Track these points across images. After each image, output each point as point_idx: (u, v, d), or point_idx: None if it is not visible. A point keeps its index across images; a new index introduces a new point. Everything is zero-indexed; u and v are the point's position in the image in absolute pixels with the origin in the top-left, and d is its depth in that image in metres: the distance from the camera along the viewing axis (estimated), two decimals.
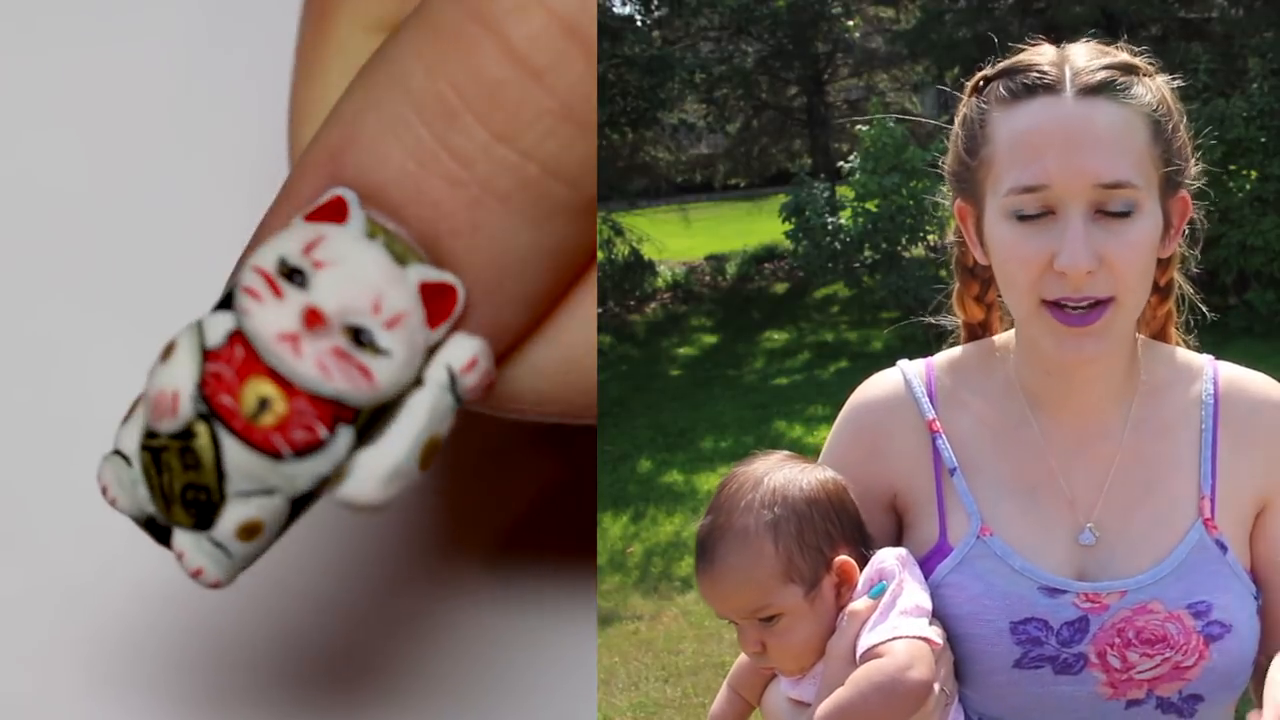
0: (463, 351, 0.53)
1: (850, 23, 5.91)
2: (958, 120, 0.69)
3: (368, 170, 0.53)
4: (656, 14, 5.54)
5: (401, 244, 0.53)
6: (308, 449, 0.51)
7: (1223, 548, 0.67)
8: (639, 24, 5.45)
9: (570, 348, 0.57)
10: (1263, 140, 4.13)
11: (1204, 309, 0.73)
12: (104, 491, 0.54)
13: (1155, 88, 0.67)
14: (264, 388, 0.51)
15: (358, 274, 0.52)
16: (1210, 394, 0.69)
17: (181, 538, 0.53)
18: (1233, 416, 0.69)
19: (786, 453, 0.71)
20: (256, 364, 0.51)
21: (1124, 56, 0.67)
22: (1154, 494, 0.68)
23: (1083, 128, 0.64)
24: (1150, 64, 0.68)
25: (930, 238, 4.71)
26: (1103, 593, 0.66)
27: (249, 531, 0.52)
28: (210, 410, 0.51)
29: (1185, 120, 0.68)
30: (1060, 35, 0.70)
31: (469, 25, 0.52)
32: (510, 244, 0.53)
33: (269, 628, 0.77)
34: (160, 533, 0.54)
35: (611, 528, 3.28)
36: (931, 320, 0.76)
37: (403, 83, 0.52)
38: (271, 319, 0.51)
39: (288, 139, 0.65)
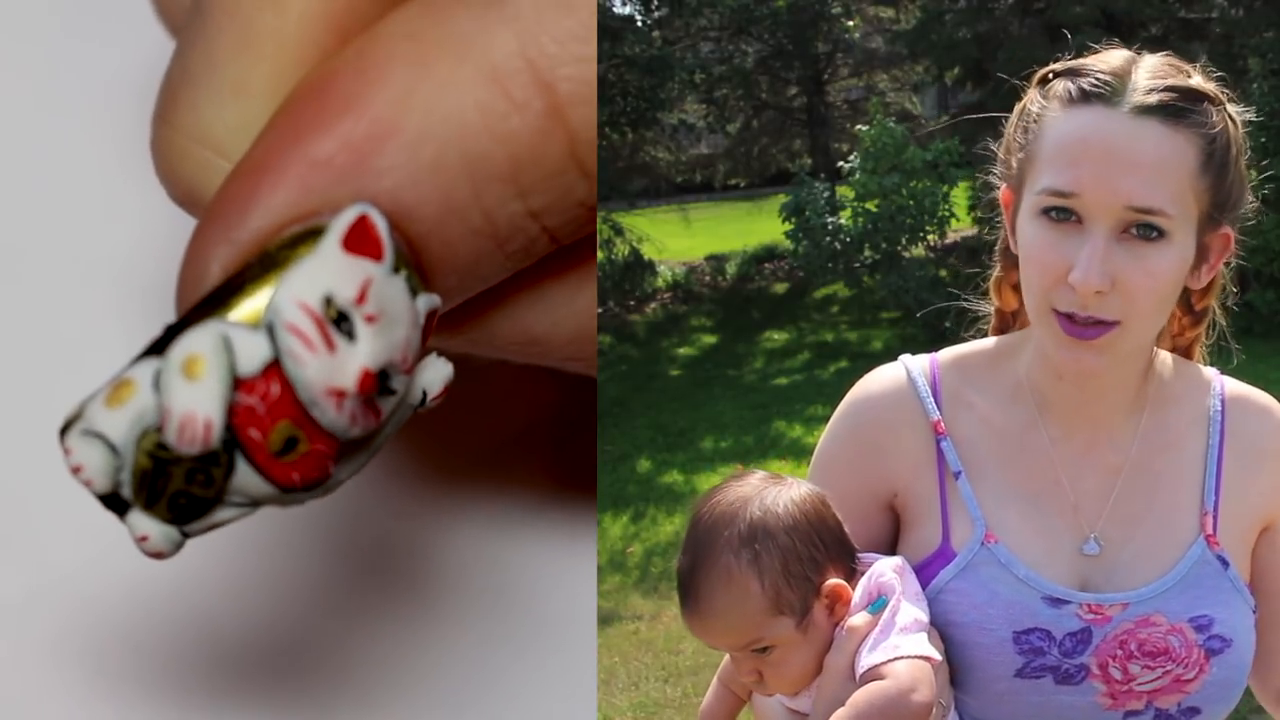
0: (438, 376, 0.55)
1: (850, 23, 5.91)
2: (1017, 108, 0.68)
3: (397, 192, 0.53)
4: (656, 14, 5.54)
5: (416, 277, 0.54)
6: (317, 483, 0.52)
7: (1224, 563, 0.66)
8: (639, 24, 5.45)
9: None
10: (1263, 140, 4.13)
11: (1235, 345, 0.72)
12: (76, 470, 0.52)
13: (1220, 118, 0.65)
14: (294, 430, 0.51)
15: (397, 327, 0.52)
16: (1218, 410, 0.69)
17: (145, 522, 0.53)
18: (1238, 433, 0.68)
19: (761, 473, 0.68)
20: (291, 406, 0.51)
21: (1196, 80, 0.65)
22: (1158, 507, 0.67)
23: (1128, 146, 0.63)
24: (1224, 92, 0.66)
25: (930, 238, 4.72)
26: (1105, 604, 0.65)
27: (215, 527, 0.53)
28: (234, 440, 0.51)
29: (1247, 155, 0.67)
30: (1060, 35, 0.70)
31: (547, 121, 0.53)
32: (490, 277, 0.56)
33: (269, 628, 0.77)
34: (117, 505, 0.53)
35: (611, 528, 3.28)
36: (968, 306, 0.75)
37: (459, 129, 0.53)
38: (324, 374, 0.51)
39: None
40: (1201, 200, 0.64)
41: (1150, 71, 0.64)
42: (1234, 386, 0.70)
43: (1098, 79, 0.64)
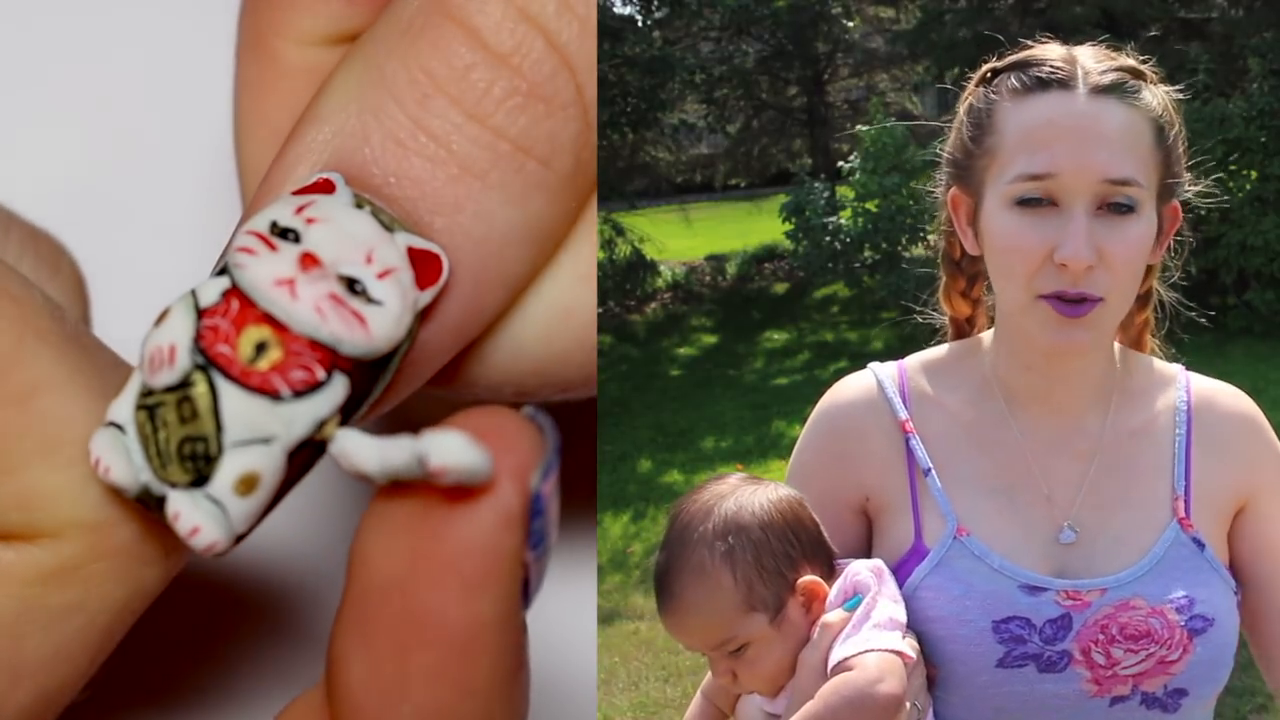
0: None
1: (850, 23, 5.90)
2: (962, 109, 0.70)
3: (350, 153, 0.54)
4: (656, 14, 5.53)
5: (387, 215, 0.54)
6: (306, 389, 0.51)
7: (1199, 544, 0.68)
8: (639, 24, 5.45)
9: (546, 323, 0.58)
10: (1263, 140, 4.13)
11: (1197, 317, 0.74)
12: (96, 464, 0.52)
13: (1160, 95, 0.68)
14: (261, 333, 0.51)
15: (349, 229, 0.53)
16: (1184, 402, 0.70)
17: (177, 497, 0.52)
18: (1205, 425, 0.70)
19: (740, 474, 0.69)
20: (253, 312, 0.51)
21: (1131, 61, 0.68)
22: (1132, 494, 0.69)
23: (1095, 124, 0.65)
24: (1155, 71, 0.69)
25: (930, 238, 4.71)
26: (1083, 590, 0.66)
27: (247, 484, 0.52)
28: (208, 360, 0.51)
29: (1183, 131, 0.69)
30: (1060, 35, 0.71)
31: (435, 17, 0.54)
32: (492, 223, 0.55)
33: (267, 622, 0.77)
34: (156, 505, 0.53)
35: (611, 528, 3.27)
36: (920, 319, 0.77)
37: (377, 74, 0.55)
38: (267, 268, 0.52)
39: (235, 154, 0.65)
40: (1158, 173, 0.67)
41: (1094, 57, 0.67)
42: (1199, 381, 0.72)
43: (1052, 66, 0.66)
